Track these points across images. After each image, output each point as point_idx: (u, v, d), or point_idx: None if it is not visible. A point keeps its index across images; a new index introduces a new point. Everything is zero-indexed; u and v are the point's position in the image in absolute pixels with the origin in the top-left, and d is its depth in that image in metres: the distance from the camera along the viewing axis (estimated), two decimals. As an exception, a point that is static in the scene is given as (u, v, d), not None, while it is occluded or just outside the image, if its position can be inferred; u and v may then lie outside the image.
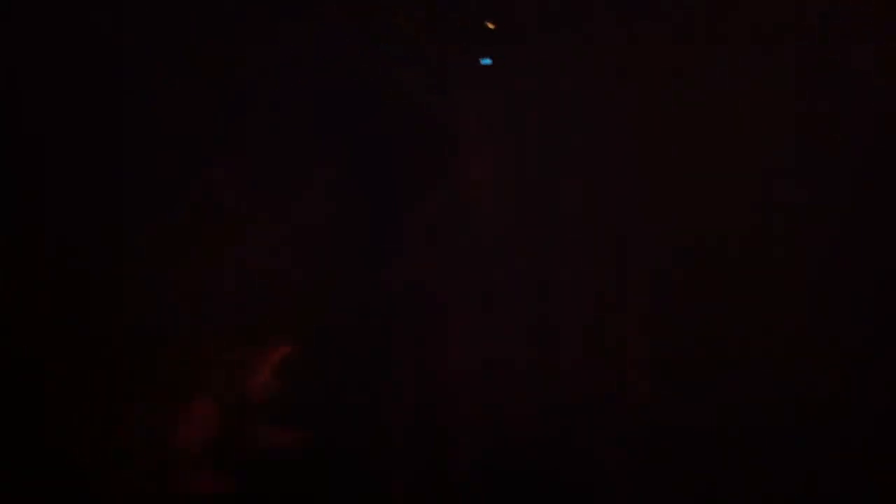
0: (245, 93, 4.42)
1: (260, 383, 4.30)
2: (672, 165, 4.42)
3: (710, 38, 4.42)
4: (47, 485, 4.02)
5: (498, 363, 4.41)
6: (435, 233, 4.50)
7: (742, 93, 4.38)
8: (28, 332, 4.12)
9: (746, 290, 4.34)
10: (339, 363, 4.41)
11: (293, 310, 4.40)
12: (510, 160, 4.49)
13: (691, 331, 4.35)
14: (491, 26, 4.07)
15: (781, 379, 4.25)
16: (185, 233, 4.31)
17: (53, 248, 4.20)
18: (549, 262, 4.43)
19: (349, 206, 4.50)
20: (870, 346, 4.25)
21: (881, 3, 4.35)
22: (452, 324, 4.44)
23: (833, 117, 4.38)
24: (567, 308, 4.38)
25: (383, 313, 4.47)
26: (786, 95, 4.38)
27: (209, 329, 4.30)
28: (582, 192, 4.45)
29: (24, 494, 4.00)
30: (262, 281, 4.37)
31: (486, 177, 4.50)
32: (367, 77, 4.50)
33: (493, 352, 4.42)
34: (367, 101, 4.50)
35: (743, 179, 4.38)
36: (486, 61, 4.38)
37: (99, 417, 4.13)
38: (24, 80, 4.22)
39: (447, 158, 4.53)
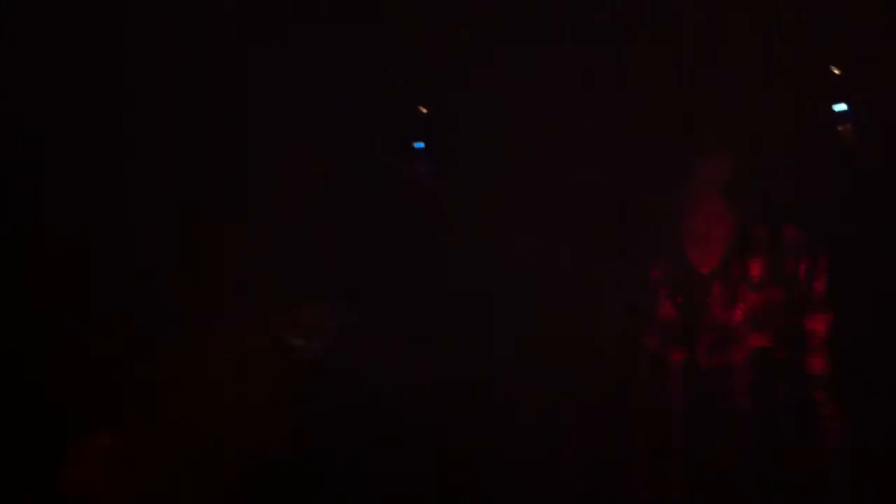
0: (245, 93, 4.45)
1: (260, 383, 4.32)
2: (672, 165, 4.43)
3: (709, 39, 4.43)
4: (47, 484, 4.05)
5: (498, 363, 4.42)
6: (434, 232, 4.52)
7: (741, 93, 4.38)
8: (28, 332, 4.15)
9: (746, 290, 4.34)
10: (341, 363, 4.43)
11: (294, 310, 4.42)
12: (510, 160, 4.51)
13: (691, 330, 4.35)
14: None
15: (781, 379, 4.24)
16: (184, 232, 4.33)
17: (53, 248, 4.23)
18: (548, 261, 4.44)
19: (349, 207, 4.52)
20: (870, 346, 4.25)
21: (881, 3, 4.36)
22: (452, 323, 4.46)
23: (833, 118, 4.38)
24: (566, 307, 4.39)
25: (385, 313, 4.49)
26: (785, 95, 4.39)
27: (209, 328, 4.32)
28: (581, 192, 4.46)
29: (23, 494, 4.02)
30: (263, 280, 4.39)
31: (485, 177, 4.52)
32: (367, 80, 4.53)
33: (492, 351, 4.43)
34: (366, 102, 4.53)
35: (742, 179, 4.38)
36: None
37: (99, 417, 4.15)
38: (25, 80, 4.25)
39: (446, 158, 4.55)
